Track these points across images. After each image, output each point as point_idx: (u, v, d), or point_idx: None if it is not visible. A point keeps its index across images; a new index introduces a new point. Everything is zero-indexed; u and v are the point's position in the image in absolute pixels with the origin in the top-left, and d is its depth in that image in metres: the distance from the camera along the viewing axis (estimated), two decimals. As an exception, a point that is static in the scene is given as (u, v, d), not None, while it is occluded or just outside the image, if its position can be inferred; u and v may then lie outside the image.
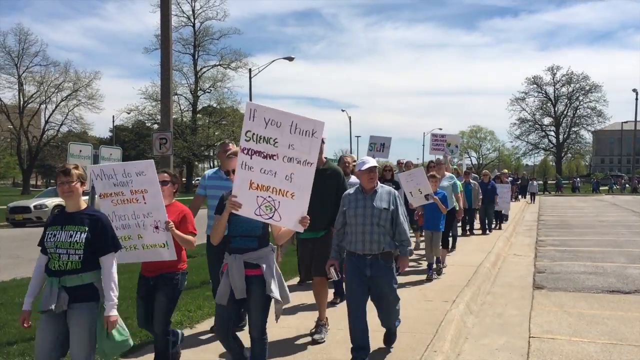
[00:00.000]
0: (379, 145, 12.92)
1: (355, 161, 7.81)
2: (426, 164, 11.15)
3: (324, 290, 5.54)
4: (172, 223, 4.32)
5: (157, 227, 4.31)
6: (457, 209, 10.53)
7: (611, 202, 33.96)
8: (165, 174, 4.63)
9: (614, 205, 31.21)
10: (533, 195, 35.44)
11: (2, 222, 21.76)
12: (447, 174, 10.32)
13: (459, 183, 10.80)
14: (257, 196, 3.71)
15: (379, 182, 4.79)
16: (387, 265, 4.71)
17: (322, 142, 5.47)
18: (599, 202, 34.45)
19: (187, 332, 5.56)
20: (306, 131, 3.71)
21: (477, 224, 15.60)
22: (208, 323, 6.05)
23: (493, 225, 16.15)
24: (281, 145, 3.68)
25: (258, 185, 3.70)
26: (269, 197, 3.72)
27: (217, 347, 5.25)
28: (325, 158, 5.61)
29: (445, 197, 8.93)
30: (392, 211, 4.68)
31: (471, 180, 14.64)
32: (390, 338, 5.13)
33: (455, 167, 14.86)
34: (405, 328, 5.82)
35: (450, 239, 10.78)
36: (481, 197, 14.76)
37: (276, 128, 3.66)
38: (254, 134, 3.66)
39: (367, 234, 4.62)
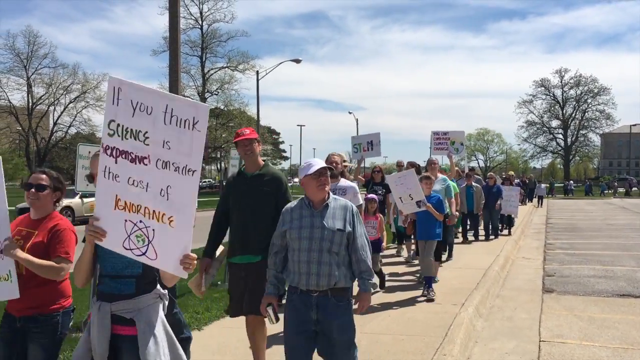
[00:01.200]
0: (365, 145, 11.10)
1: (346, 161, 6.69)
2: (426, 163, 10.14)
3: (261, 329, 4.40)
4: (14, 242, 3.07)
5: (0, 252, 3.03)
6: (450, 214, 8.84)
7: (620, 206, 33.75)
8: (43, 175, 3.36)
9: (623, 208, 31.02)
10: (540, 198, 34.79)
11: (11, 223, 21.88)
12: (440, 175, 9.06)
13: (452, 185, 9.51)
14: (126, 220, 2.56)
15: (331, 194, 3.58)
16: (341, 305, 3.45)
17: (257, 142, 4.34)
18: (608, 206, 34.24)
19: (195, 334, 5.54)
20: (185, 120, 2.49)
21: (481, 231, 14.83)
22: (216, 325, 6.11)
23: (501, 231, 15.59)
24: (153, 142, 2.52)
25: (126, 203, 2.55)
26: (140, 222, 2.55)
27: (225, 349, 5.26)
28: (264, 160, 4.51)
29: (441, 202, 7.78)
30: (348, 233, 3.46)
31: (474, 184, 13.76)
32: None
33: (457, 168, 14.10)
34: (414, 331, 5.80)
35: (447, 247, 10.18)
36: (484, 201, 13.91)
37: (147, 115, 2.51)
38: (119, 124, 2.52)
39: (314, 263, 3.39)
